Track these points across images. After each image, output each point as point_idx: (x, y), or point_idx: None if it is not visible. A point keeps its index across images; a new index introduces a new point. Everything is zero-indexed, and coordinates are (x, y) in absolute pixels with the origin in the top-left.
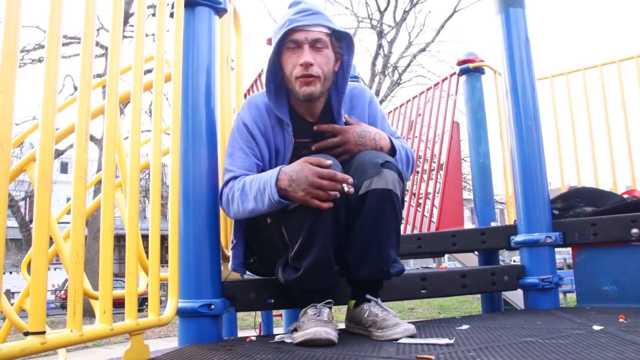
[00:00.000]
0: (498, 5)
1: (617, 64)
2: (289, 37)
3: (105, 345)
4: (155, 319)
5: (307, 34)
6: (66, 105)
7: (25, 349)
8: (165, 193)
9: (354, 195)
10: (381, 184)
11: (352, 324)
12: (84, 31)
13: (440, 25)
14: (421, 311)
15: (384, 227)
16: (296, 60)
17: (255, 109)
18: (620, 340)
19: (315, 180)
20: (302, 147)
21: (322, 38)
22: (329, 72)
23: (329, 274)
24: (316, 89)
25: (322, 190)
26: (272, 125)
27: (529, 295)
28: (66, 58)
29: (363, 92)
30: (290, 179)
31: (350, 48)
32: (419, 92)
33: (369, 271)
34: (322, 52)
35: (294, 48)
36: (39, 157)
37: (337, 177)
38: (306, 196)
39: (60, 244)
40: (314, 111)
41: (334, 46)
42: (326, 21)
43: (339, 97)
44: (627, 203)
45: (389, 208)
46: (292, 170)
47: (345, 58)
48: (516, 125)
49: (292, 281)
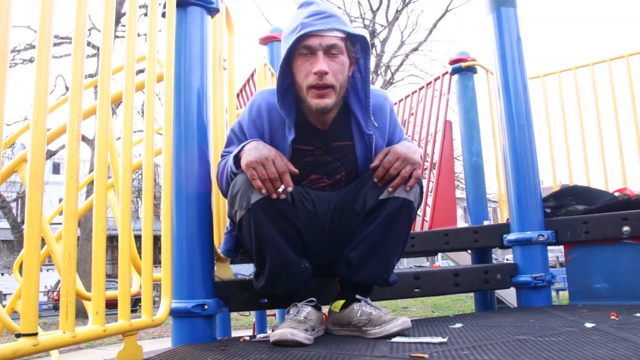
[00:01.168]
0: (489, 4)
1: (607, 63)
2: (302, 43)
3: (98, 347)
4: (148, 320)
5: (322, 39)
6: (58, 106)
7: (17, 350)
8: (158, 193)
9: (374, 197)
10: (404, 193)
11: (338, 327)
12: (75, 31)
13: (433, 25)
14: (415, 310)
15: (396, 236)
16: (309, 68)
17: (257, 110)
18: (612, 338)
19: (267, 161)
20: (305, 153)
21: (338, 44)
22: (344, 79)
23: (296, 274)
24: (331, 101)
25: (265, 173)
26: (275, 125)
27: (522, 294)
28: (57, 58)
29: (385, 100)
30: (253, 148)
31: (366, 51)
32: (411, 92)
33: (369, 275)
34: (338, 59)
35: (307, 54)
36: (31, 158)
37: (283, 177)
38: (250, 164)
39: (53, 245)
40: (326, 119)
41: (349, 51)
42: (341, 25)
43: (361, 104)
44: (619, 201)
45: (405, 219)
46: (259, 144)
47: (361, 61)
48: (508, 124)
49: (262, 288)
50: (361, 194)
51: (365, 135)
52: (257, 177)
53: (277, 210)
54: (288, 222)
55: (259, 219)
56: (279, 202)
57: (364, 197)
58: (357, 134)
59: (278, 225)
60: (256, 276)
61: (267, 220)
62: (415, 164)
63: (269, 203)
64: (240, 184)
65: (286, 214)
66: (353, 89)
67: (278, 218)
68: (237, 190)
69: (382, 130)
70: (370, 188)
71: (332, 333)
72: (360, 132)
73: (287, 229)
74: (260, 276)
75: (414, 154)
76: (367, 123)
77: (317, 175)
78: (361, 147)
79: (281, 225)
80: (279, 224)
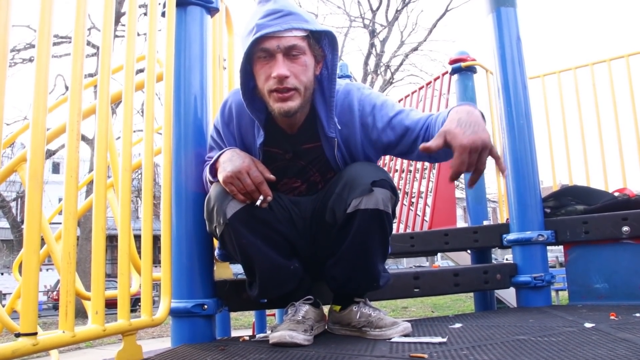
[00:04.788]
0: (489, 4)
1: (607, 63)
2: (259, 46)
3: (98, 346)
4: (148, 319)
5: (280, 40)
6: (57, 105)
7: (16, 350)
8: (158, 193)
9: (342, 211)
10: (371, 204)
11: (339, 326)
12: (75, 30)
13: (433, 25)
14: (414, 310)
15: (374, 246)
16: (269, 72)
17: (228, 111)
18: (611, 338)
19: (241, 174)
20: (275, 157)
21: (298, 44)
22: (308, 81)
23: (287, 276)
24: (295, 104)
25: (242, 185)
26: (245, 127)
27: (522, 294)
28: (57, 57)
29: (348, 93)
30: (227, 160)
31: (334, 46)
32: (411, 91)
33: (357, 288)
34: (299, 60)
35: (266, 57)
36: (30, 158)
37: (260, 187)
38: (226, 180)
39: (52, 245)
40: (294, 122)
41: (313, 49)
42: (301, 22)
43: (326, 103)
44: (618, 201)
45: (377, 229)
46: (233, 155)
47: (328, 57)
48: (508, 124)
49: (257, 296)
50: (327, 206)
51: (328, 138)
52: (237, 192)
53: (255, 218)
54: (268, 226)
55: (238, 231)
56: (256, 210)
57: (332, 210)
58: (323, 135)
59: (259, 233)
60: (249, 285)
61: (247, 231)
62: (487, 146)
63: (245, 213)
64: (215, 199)
65: (265, 219)
66: (319, 88)
67: (257, 225)
68: (212, 206)
69: (349, 127)
70: (335, 201)
71: (332, 332)
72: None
73: (268, 234)
74: (252, 285)
75: (481, 133)
76: (329, 124)
77: (290, 179)
78: (329, 148)
79: (262, 231)
80: (259, 232)
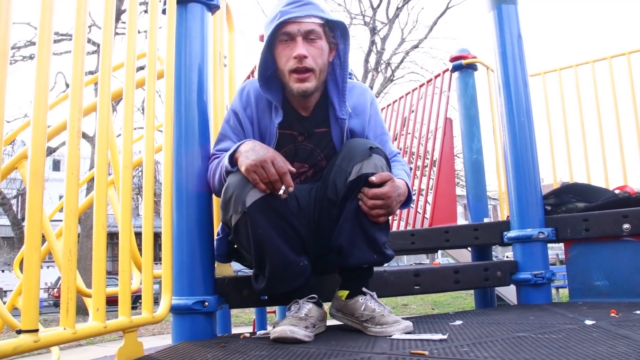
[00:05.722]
0: (490, 1)
1: (608, 60)
2: (281, 30)
3: (99, 343)
4: (148, 317)
5: (300, 25)
6: (58, 103)
7: (18, 347)
8: (158, 190)
9: (343, 181)
10: (370, 168)
11: (341, 314)
12: (76, 28)
13: (433, 22)
14: (415, 307)
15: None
16: (289, 53)
17: (246, 96)
18: (612, 335)
19: (266, 163)
20: (289, 139)
21: (315, 29)
22: (323, 64)
23: (296, 273)
24: (311, 84)
25: (265, 174)
26: (261, 110)
27: (522, 291)
28: (58, 55)
29: (365, 91)
30: (250, 149)
31: (345, 36)
32: (411, 89)
33: (363, 254)
34: (316, 44)
35: (287, 41)
36: (31, 155)
37: (284, 178)
38: (250, 168)
39: (53, 242)
40: (308, 105)
41: (327, 36)
42: (319, 11)
43: (338, 89)
44: (619, 198)
45: None
46: (255, 145)
47: (340, 47)
48: (509, 121)
49: (262, 290)
50: (330, 181)
51: (338, 120)
52: (259, 181)
53: (273, 210)
54: (285, 220)
55: (255, 221)
56: (274, 201)
57: (334, 184)
58: (333, 119)
59: (275, 225)
60: (255, 278)
61: (265, 222)
62: (391, 213)
63: (264, 204)
64: (233, 188)
65: (282, 212)
66: (332, 75)
67: (275, 217)
68: (230, 195)
69: (360, 117)
70: (337, 173)
71: (334, 319)
72: (335, 117)
73: (284, 227)
74: (259, 278)
75: (396, 204)
76: (341, 107)
77: (300, 163)
78: (337, 132)
79: (278, 224)
80: (276, 224)
